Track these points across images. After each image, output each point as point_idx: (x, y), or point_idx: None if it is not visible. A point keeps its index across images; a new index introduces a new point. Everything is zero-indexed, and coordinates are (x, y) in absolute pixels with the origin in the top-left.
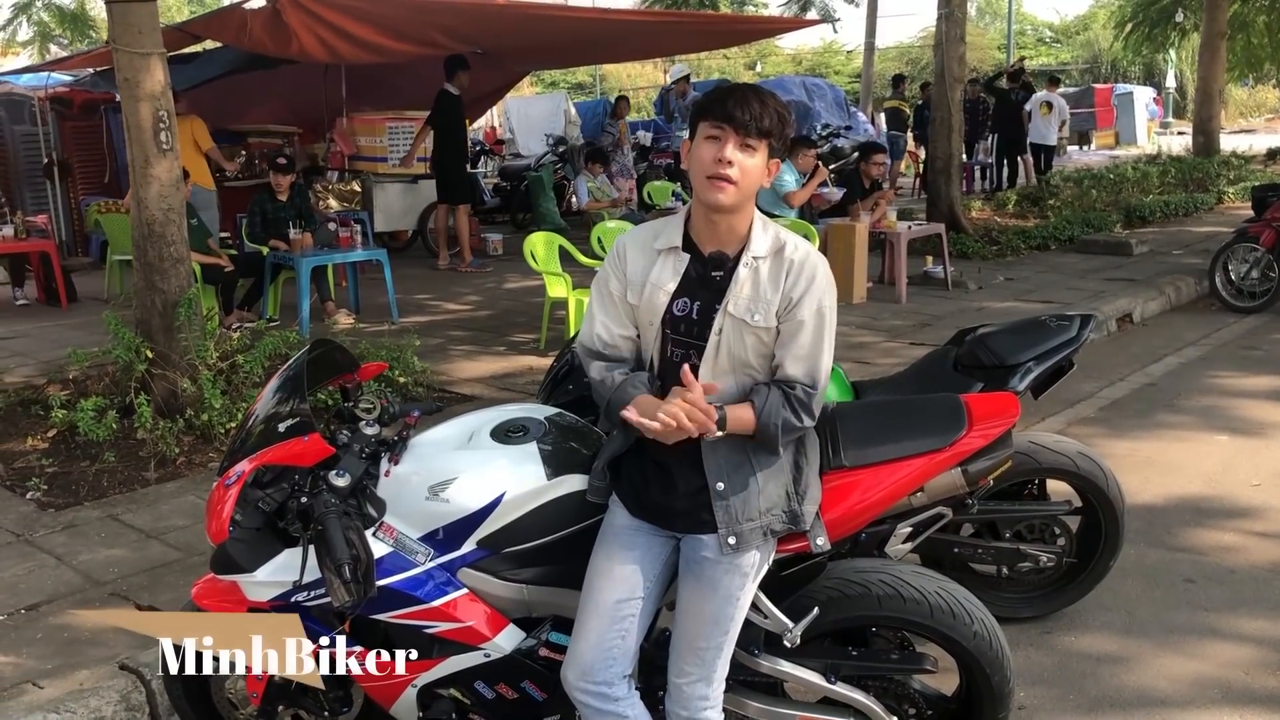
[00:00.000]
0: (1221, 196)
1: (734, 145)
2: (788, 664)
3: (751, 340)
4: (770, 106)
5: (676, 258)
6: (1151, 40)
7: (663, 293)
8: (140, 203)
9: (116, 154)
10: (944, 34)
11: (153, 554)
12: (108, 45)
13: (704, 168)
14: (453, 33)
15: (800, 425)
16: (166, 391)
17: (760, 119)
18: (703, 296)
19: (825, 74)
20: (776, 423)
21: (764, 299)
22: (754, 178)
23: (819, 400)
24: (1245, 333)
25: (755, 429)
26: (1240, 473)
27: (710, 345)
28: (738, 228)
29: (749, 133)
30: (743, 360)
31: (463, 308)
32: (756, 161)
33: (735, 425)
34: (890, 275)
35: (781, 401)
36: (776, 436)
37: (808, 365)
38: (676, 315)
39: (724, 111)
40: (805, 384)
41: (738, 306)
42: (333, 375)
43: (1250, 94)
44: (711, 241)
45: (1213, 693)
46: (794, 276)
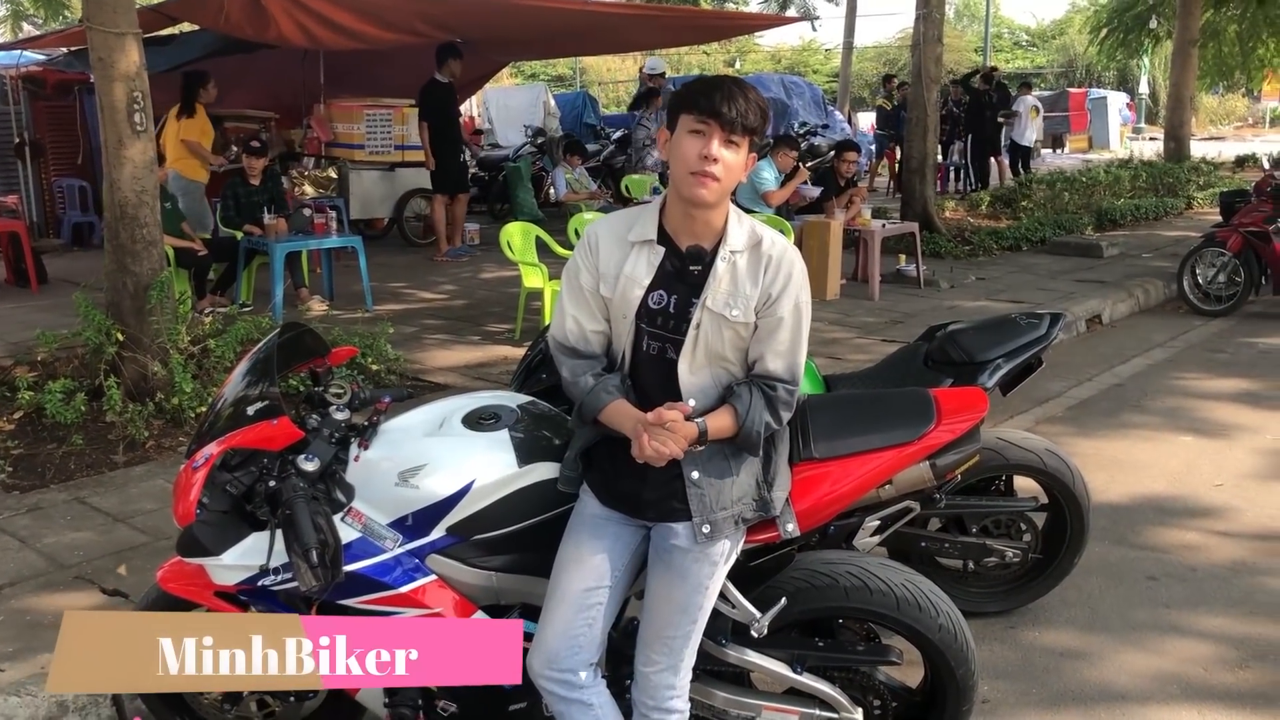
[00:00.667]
0: (1191, 202)
1: (719, 141)
2: (754, 654)
3: (729, 334)
4: (754, 102)
5: (651, 250)
6: (1126, 46)
7: (638, 286)
8: (113, 184)
9: (90, 135)
10: (921, 34)
11: (119, 537)
12: (82, 24)
13: (687, 163)
14: (434, 20)
15: (778, 426)
16: (137, 375)
17: (745, 115)
18: (680, 290)
19: (804, 72)
20: (758, 429)
21: (742, 294)
22: (736, 174)
23: (797, 396)
24: (1211, 336)
25: (737, 434)
26: (1203, 473)
27: (688, 340)
28: (714, 221)
29: (734, 129)
30: (720, 354)
31: (438, 297)
32: (739, 158)
33: (716, 435)
34: (864, 273)
35: (764, 405)
36: (758, 439)
37: (788, 361)
38: (652, 309)
39: (710, 106)
40: (786, 381)
41: (716, 301)
42: (303, 359)
43: (1220, 102)
44: (687, 235)
45: (1172, 689)
46: (773, 272)
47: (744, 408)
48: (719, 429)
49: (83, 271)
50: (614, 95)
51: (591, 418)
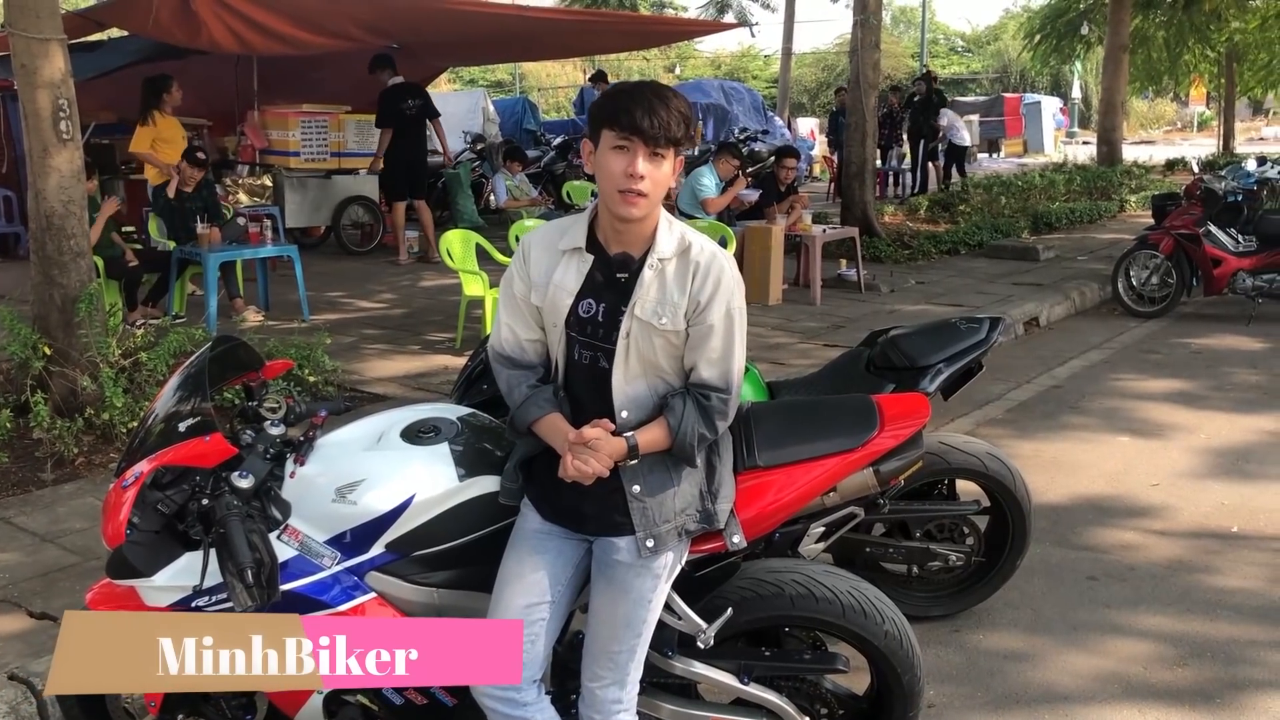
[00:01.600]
0: (1124, 205)
1: (643, 157)
2: (701, 665)
3: (660, 343)
4: (676, 111)
5: (581, 258)
6: (1059, 51)
7: (565, 294)
8: (38, 194)
9: (15, 143)
10: (859, 40)
11: (47, 558)
12: (3, 30)
13: (614, 181)
14: (368, 25)
15: (715, 435)
16: (65, 390)
17: (668, 128)
18: (608, 299)
19: (743, 78)
20: (693, 442)
21: (670, 301)
22: (664, 185)
23: (733, 403)
24: (1145, 337)
25: (671, 446)
26: (1140, 473)
27: (619, 349)
28: (644, 230)
29: (658, 143)
30: (653, 363)
31: (377, 306)
32: (665, 169)
33: (649, 448)
34: (805, 278)
35: (697, 416)
36: (693, 451)
37: (721, 369)
38: (582, 317)
39: (631, 122)
40: (719, 388)
41: (644, 309)
42: (237, 373)
43: (1150, 106)
44: (617, 243)
45: (1113, 688)
46: (700, 279)
47: (676, 420)
48: (651, 442)
49: (8, 283)
50: (554, 100)
51: (524, 429)
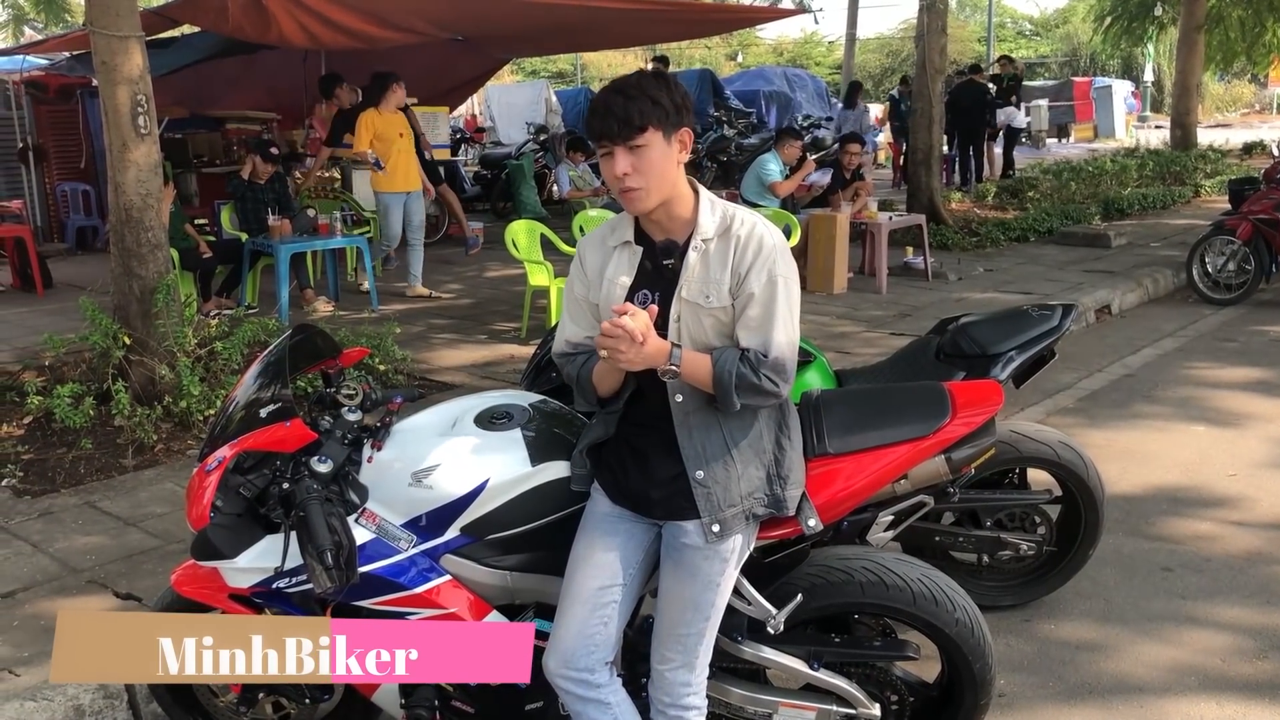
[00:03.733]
0: (1198, 190)
1: (623, 154)
2: (771, 651)
3: (710, 322)
4: (638, 97)
5: (630, 251)
6: (1130, 34)
7: (619, 286)
8: (118, 188)
9: (93, 139)
10: (925, 25)
11: (130, 541)
12: (85, 29)
13: (613, 185)
14: (433, 19)
15: (758, 383)
16: (144, 378)
17: (629, 118)
18: (660, 286)
19: (806, 65)
20: (730, 370)
21: (714, 279)
22: (659, 167)
23: (779, 366)
24: (1221, 324)
25: (711, 378)
26: (1217, 463)
27: (670, 333)
28: (680, 214)
29: (629, 134)
30: (705, 343)
31: (444, 296)
32: (652, 152)
33: (690, 364)
34: (870, 266)
35: (737, 355)
36: (730, 388)
37: (760, 337)
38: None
39: (597, 129)
40: (757, 351)
41: (690, 291)
42: (314, 361)
43: (1227, 88)
44: (660, 232)
45: (1190, 680)
46: (740, 251)
47: (717, 353)
48: (693, 363)
49: (87, 275)
50: None
51: (590, 388)
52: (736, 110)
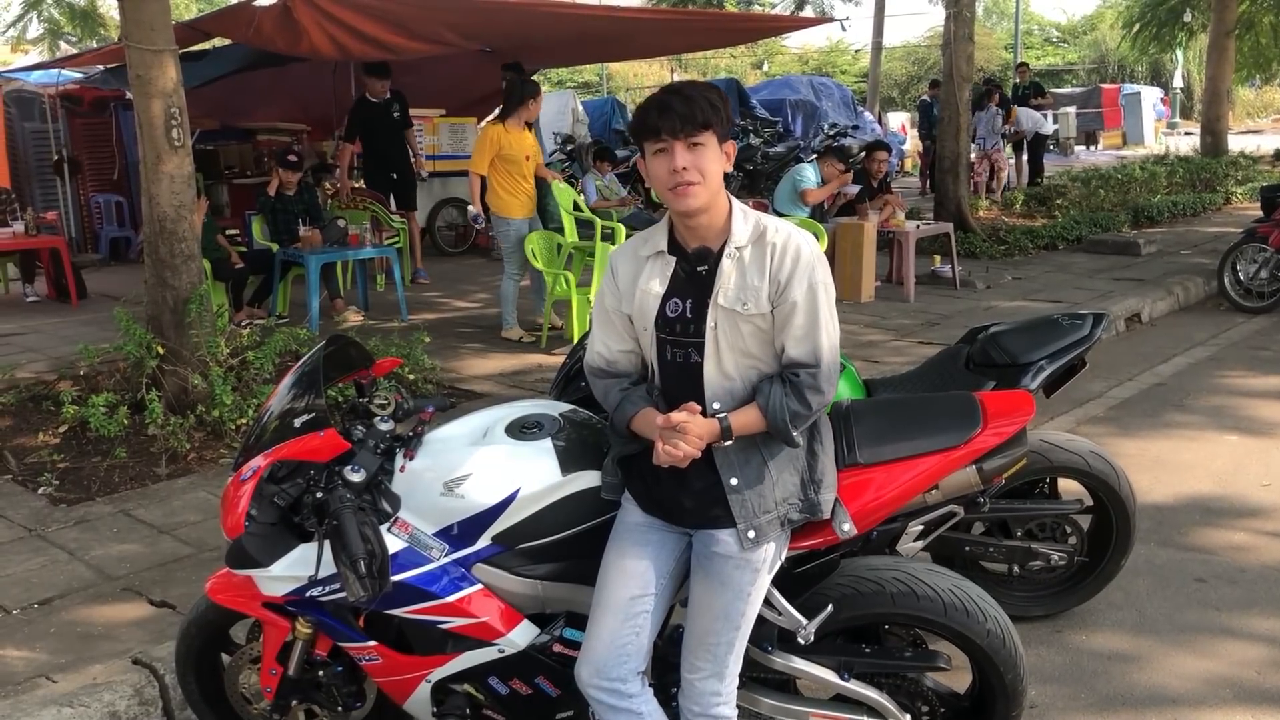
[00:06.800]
0: (1229, 197)
1: (682, 150)
2: (801, 661)
3: (748, 329)
4: (698, 98)
5: (664, 261)
6: (1159, 40)
7: (652, 295)
8: (151, 199)
9: (126, 150)
10: (952, 33)
11: (164, 549)
12: (119, 43)
13: (664, 182)
14: (462, 30)
15: (811, 411)
16: (177, 387)
17: (693, 115)
18: (694, 294)
19: (832, 73)
20: (785, 417)
21: (751, 286)
22: (714, 169)
23: (826, 377)
24: (1254, 333)
25: (766, 426)
26: (1250, 473)
27: (708, 341)
28: (715, 223)
29: (691, 131)
30: (743, 350)
31: (472, 305)
32: (710, 154)
33: (743, 429)
34: (898, 274)
35: (784, 392)
36: (788, 429)
37: (808, 345)
38: (669, 316)
39: (657, 126)
40: (808, 364)
41: (726, 298)
42: (347, 371)
43: (1258, 94)
44: (694, 240)
45: (1224, 692)
46: (779, 259)
47: (764, 398)
48: (744, 424)
49: (121, 286)
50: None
51: (624, 429)
52: (763, 119)
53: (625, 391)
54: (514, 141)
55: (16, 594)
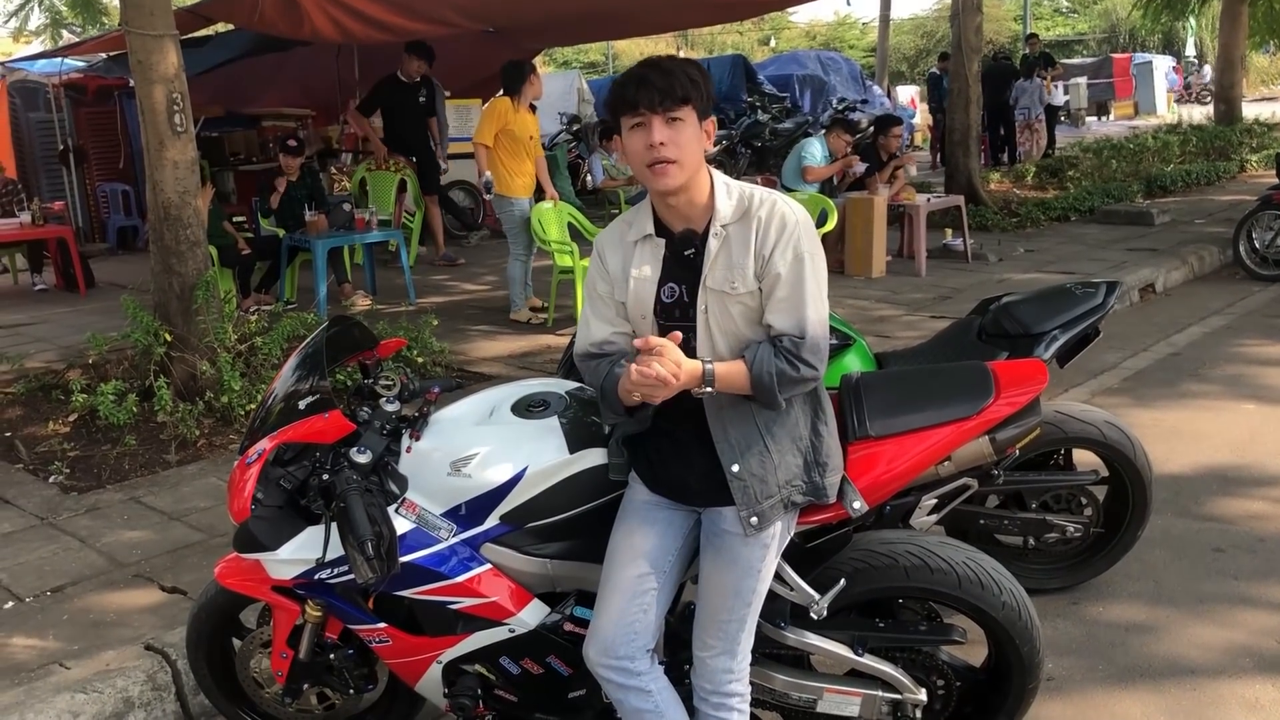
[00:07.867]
0: (1244, 164)
1: (660, 124)
2: (814, 636)
3: (738, 309)
4: (677, 72)
5: (653, 244)
6: (1171, 8)
7: (648, 283)
8: (156, 186)
9: (131, 139)
10: (960, 4)
11: (175, 535)
12: (120, 29)
13: (640, 158)
14: (465, 10)
15: (798, 374)
16: (185, 374)
17: (671, 89)
18: (686, 278)
19: (840, 48)
20: (770, 371)
21: (738, 265)
22: (692, 147)
23: (813, 348)
24: (1270, 301)
25: (750, 383)
26: (1268, 441)
27: (699, 326)
28: (697, 200)
29: (669, 105)
30: (734, 332)
31: (480, 288)
32: (688, 130)
33: (726, 379)
34: (909, 249)
35: (772, 352)
36: (773, 388)
37: (792, 316)
38: (666, 303)
39: (634, 99)
40: (792, 334)
41: (715, 279)
42: (352, 352)
43: (1272, 61)
44: (677, 221)
45: (1245, 661)
46: (763, 232)
47: (751, 353)
48: (728, 373)
49: (128, 274)
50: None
51: (615, 401)
52: (770, 95)
53: (615, 362)
54: (521, 120)
55: (29, 582)
